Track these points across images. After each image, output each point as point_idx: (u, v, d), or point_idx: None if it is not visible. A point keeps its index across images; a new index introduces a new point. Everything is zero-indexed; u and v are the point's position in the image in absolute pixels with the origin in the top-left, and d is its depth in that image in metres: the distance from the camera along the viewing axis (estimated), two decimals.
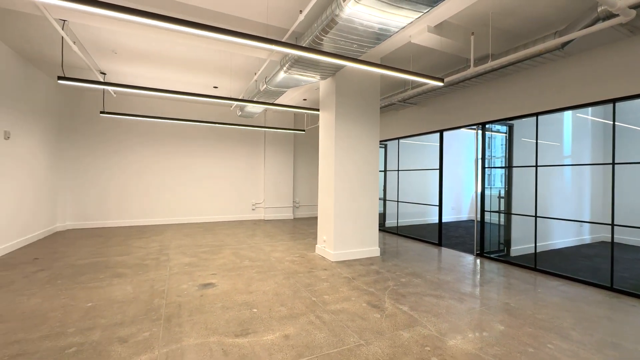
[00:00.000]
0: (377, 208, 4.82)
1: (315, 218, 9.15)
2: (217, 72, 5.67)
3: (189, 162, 7.89)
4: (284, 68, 4.22)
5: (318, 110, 5.99)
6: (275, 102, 6.99)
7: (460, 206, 9.21)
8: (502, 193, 5.11)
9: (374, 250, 4.79)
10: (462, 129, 5.59)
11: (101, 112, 5.62)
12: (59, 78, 3.87)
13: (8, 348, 2.13)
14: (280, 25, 3.93)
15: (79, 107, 6.82)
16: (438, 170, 5.74)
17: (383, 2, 2.55)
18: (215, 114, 8.14)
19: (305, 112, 8.79)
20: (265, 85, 5.10)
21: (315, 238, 6.11)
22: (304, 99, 7.48)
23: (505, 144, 5.06)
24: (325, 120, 4.75)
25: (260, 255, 4.72)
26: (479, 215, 5.00)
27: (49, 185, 6.11)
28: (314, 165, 9.59)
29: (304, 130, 7.78)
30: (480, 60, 4.12)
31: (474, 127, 5.13)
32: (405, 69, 3.54)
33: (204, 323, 2.54)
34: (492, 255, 4.82)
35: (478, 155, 4.95)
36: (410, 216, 7.75)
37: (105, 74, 5.83)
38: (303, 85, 4.90)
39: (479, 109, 5.02)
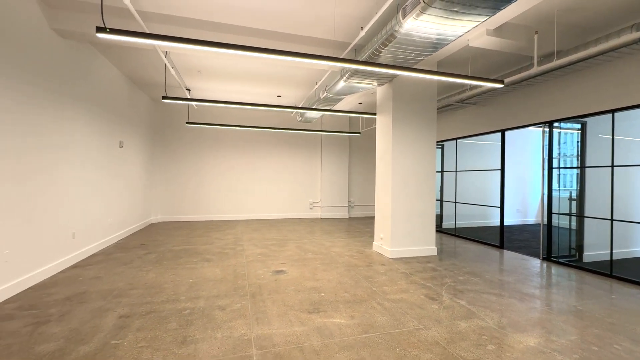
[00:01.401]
0: (434, 208, 4.93)
1: (370, 218, 9.38)
2: (281, 82, 6.28)
3: (255, 164, 8.73)
4: (344, 77, 4.59)
5: (373, 113, 6.26)
6: (333, 107, 7.42)
7: (526, 209, 8.64)
8: (574, 195, 4.82)
9: (430, 250, 4.90)
10: (530, 127, 5.36)
11: (187, 123, 6.61)
12: (163, 98, 4.77)
13: (142, 307, 2.84)
14: (343, 40, 4.32)
15: (169, 120, 8.05)
16: (499, 171, 5.59)
17: (441, 16, 2.76)
18: (278, 120, 8.88)
19: (361, 117, 9.08)
20: (325, 94, 5.53)
21: (371, 236, 6.38)
22: (360, 103, 7.79)
23: (578, 143, 4.77)
24: (383, 124, 5.01)
25: (322, 250, 5.16)
26: (545, 218, 4.79)
27: (145, 185, 7.35)
28: (369, 167, 9.83)
29: (359, 133, 8.09)
30: (545, 58, 4.01)
31: (541, 125, 4.93)
32: (462, 74, 3.64)
33: (282, 301, 3.02)
34: (561, 260, 4.59)
35: (545, 155, 4.75)
36: (470, 218, 7.55)
37: (189, 90, 6.84)
38: (360, 91, 5.22)
39: (545, 106, 4.82)
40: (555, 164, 4.82)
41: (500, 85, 3.66)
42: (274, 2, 3.43)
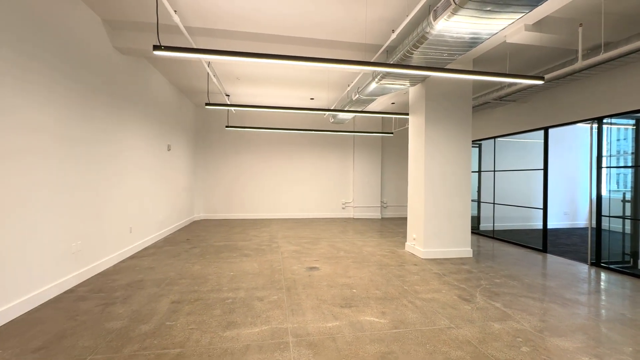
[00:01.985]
0: (469, 209, 4.82)
1: (403, 218, 9.28)
2: (314, 85, 6.47)
3: (289, 165, 9.03)
4: (376, 79, 4.65)
5: (406, 114, 6.23)
6: (365, 108, 7.47)
7: (575, 211, 8.04)
8: (629, 196, 4.46)
9: (465, 251, 4.80)
10: (579, 124, 5.02)
11: (226, 126, 7.04)
12: (207, 104, 5.16)
13: (190, 295, 3.14)
14: (374, 43, 4.40)
15: (210, 123, 8.60)
16: (542, 171, 5.31)
17: (474, 16, 2.75)
18: (310, 122, 9.11)
19: (394, 117, 9.03)
20: (357, 95, 5.62)
21: (404, 237, 6.35)
22: (392, 103, 7.76)
23: (633, 140, 4.42)
24: (415, 124, 4.99)
25: (354, 249, 5.25)
26: (594, 221, 4.49)
27: (189, 185, 7.93)
28: (402, 167, 9.72)
29: (392, 133, 8.05)
30: (591, 51, 3.78)
31: (589, 122, 4.62)
32: (497, 72, 3.54)
33: (315, 295, 3.18)
34: (612, 267, 4.28)
35: (593, 153, 4.46)
36: (511, 220, 7.21)
37: (229, 95, 7.27)
38: (393, 92, 5.25)
39: (593, 102, 4.51)
40: (607, 162, 4.49)
41: (540, 82, 3.52)
42: (308, 13, 3.61)
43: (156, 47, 2.80)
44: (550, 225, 7.71)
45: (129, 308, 2.80)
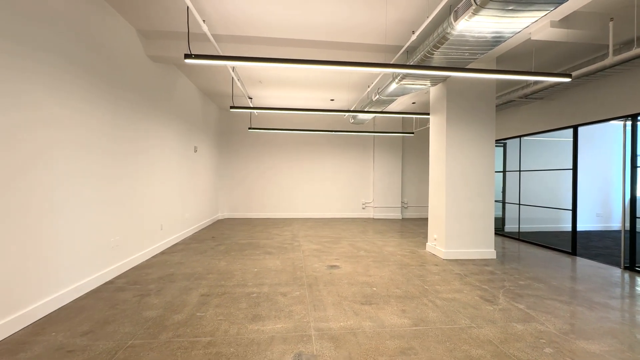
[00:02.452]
0: (492, 210, 4.73)
1: (424, 219, 9.17)
2: (334, 87, 6.55)
3: (309, 165, 9.17)
4: (396, 80, 4.67)
5: (426, 114, 6.18)
6: (385, 109, 7.48)
7: (609, 213, 7.64)
8: None
9: (488, 252, 4.72)
10: (612, 122, 4.80)
11: (249, 128, 7.26)
12: (231, 107, 5.38)
13: (218, 289, 3.32)
14: (394, 44, 4.43)
15: (233, 126, 8.90)
16: (571, 171, 5.12)
17: (496, 15, 2.74)
18: (330, 122, 9.20)
19: (414, 117, 8.95)
20: (377, 96, 5.65)
21: (425, 237, 6.30)
22: (413, 102, 7.71)
23: None
24: (436, 124, 4.97)
25: (374, 248, 5.29)
26: (628, 223, 4.29)
27: (214, 184, 8.24)
28: (423, 167, 9.61)
29: (412, 133, 7.99)
30: (623, 46, 3.63)
31: (622, 119, 4.42)
32: (521, 70, 3.46)
33: (336, 292, 3.27)
34: None
35: (627, 152, 4.26)
36: (539, 222, 6.98)
37: (251, 98, 7.50)
38: (413, 92, 5.24)
39: (626, 98, 4.31)
40: None
41: (567, 80, 3.43)
42: (329, 17, 3.70)
43: (187, 56, 2.99)
44: (581, 228, 7.41)
45: (162, 299, 3.01)
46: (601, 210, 7.54)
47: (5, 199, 2.27)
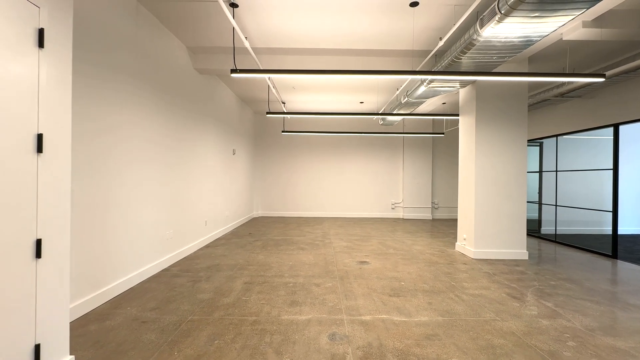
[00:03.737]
0: (524, 211, 4.71)
1: (455, 220, 9.07)
2: (364, 90, 6.77)
3: (340, 166, 9.44)
4: (425, 83, 4.80)
5: (456, 115, 6.20)
6: (415, 110, 7.56)
7: None
8: None
9: (520, 253, 4.70)
10: None
11: (282, 131, 7.68)
12: (267, 113, 5.79)
13: (258, 278, 3.69)
14: (423, 49, 4.58)
15: (267, 129, 9.40)
16: (612, 171, 4.94)
17: (521, 22, 2.84)
18: (360, 124, 9.41)
19: (445, 119, 8.90)
20: (406, 98, 5.79)
21: (455, 238, 6.32)
22: (443, 103, 7.71)
23: None
24: (466, 125, 5.02)
25: (403, 247, 5.45)
26: None
27: (250, 184, 8.77)
28: (454, 167, 9.50)
29: (443, 134, 7.98)
30: None
31: None
32: (551, 72, 3.47)
33: (366, 285, 3.51)
34: None
35: None
36: (579, 224, 6.70)
37: (284, 102, 7.91)
38: (442, 94, 5.33)
39: None
40: None
41: (600, 80, 3.40)
42: (359, 27, 3.95)
43: (233, 71, 3.39)
44: (627, 231, 7.00)
45: (211, 285, 3.43)
46: None
47: (93, 199, 2.78)
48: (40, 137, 1.61)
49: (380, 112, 6.43)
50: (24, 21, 1.54)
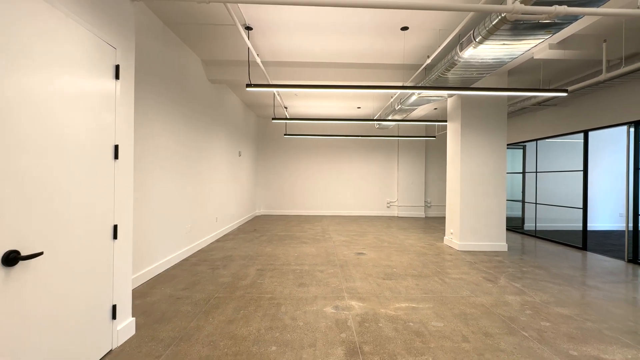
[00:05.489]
0: (504, 208, 5.27)
1: None
2: (361, 97, 7.31)
3: (338, 167, 9.97)
4: (416, 92, 5.36)
5: (444, 121, 6.76)
6: (408, 116, 8.11)
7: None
8: None
9: (500, 246, 5.27)
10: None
11: (284, 134, 8.20)
12: (273, 119, 6.31)
13: (269, 266, 4.21)
14: (413, 63, 5.12)
15: (272, 133, 9.92)
16: (582, 172, 5.52)
17: (493, 48, 3.39)
18: (357, 128, 9.95)
19: (436, 124, 9.46)
20: (400, 105, 6.34)
21: (444, 233, 6.87)
22: (435, 108, 8.27)
23: None
24: (453, 130, 5.58)
25: (396, 241, 5.99)
26: (631, 220, 4.68)
27: (253, 184, 9.27)
28: (446, 168, 10.08)
29: (434, 137, 8.54)
30: (628, 59, 4.09)
31: (625, 125, 4.81)
32: (520, 87, 4.00)
33: (363, 271, 4.04)
34: None
35: (630, 155, 4.66)
36: (558, 221, 7.29)
37: (287, 107, 8.43)
38: (432, 102, 5.88)
39: (630, 106, 4.70)
40: None
41: (563, 94, 3.97)
42: (357, 45, 4.48)
43: (248, 85, 3.91)
44: (603, 227, 7.64)
45: (229, 271, 3.94)
46: (624, 210, 7.68)
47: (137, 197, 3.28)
48: (116, 147, 2.13)
49: (375, 117, 6.97)
50: (106, 59, 2.05)
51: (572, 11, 2.35)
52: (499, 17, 2.84)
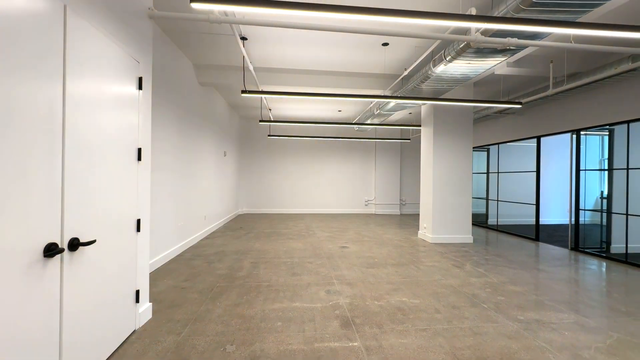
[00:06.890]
0: (470, 204, 5.93)
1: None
2: (342, 101, 7.76)
3: (319, 167, 10.39)
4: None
5: (418, 125, 7.37)
6: (386, 120, 8.68)
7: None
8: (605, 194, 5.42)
9: (467, 238, 5.92)
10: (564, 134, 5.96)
11: (269, 135, 8.49)
12: (260, 121, 6.60)
13: (261, 259, 4.53)
14: (393, 73, 5.64)
15: (254, 133, 10.14)
16: (535, 173, 6.32)
17: (461, 66, 3.94)
18: (338, 130, 10.42)
19: (410, 128, 10.15)
20: (379, 110, 6.86)
21: (418, 228, 7.50)
22: (410, 113, 8.90)
23: (608, 148, 5.36)
24: (426, 134, 6.17)
25: (375, 235, 6.50)
26: (573, 215, 5.48)
27: (237, 184, 9.46)
28: (419, 169, 10.79)
29: (409, 139, 9.19)
30: (569, 77, 4.79)
31: (569, 132, 5.60)
32: (481, 100, 4.62)
33: (348, 261, 4.48)
34: (587, 251, 5.26)
35: (573, 160, 5.45)
36: (517, 216, 8.14)
37: (271, 109, 8.72)
38: (408, 108, 6.45)
39: (573, 116, 5.50)
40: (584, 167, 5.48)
41: (518, 106, 4.63)
42: (343, 56, 4.91)
43: (243, 92, 4.21)
44: (553, 221, 8.61)
45: (224, 265, 4.23)
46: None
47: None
48: (139, 150, 2.40)
49: (355, 120, 7.43)
50: (131, 72, 2.32)
51: (521, 43, 2.91)
52: (465, 43, 3.37)
